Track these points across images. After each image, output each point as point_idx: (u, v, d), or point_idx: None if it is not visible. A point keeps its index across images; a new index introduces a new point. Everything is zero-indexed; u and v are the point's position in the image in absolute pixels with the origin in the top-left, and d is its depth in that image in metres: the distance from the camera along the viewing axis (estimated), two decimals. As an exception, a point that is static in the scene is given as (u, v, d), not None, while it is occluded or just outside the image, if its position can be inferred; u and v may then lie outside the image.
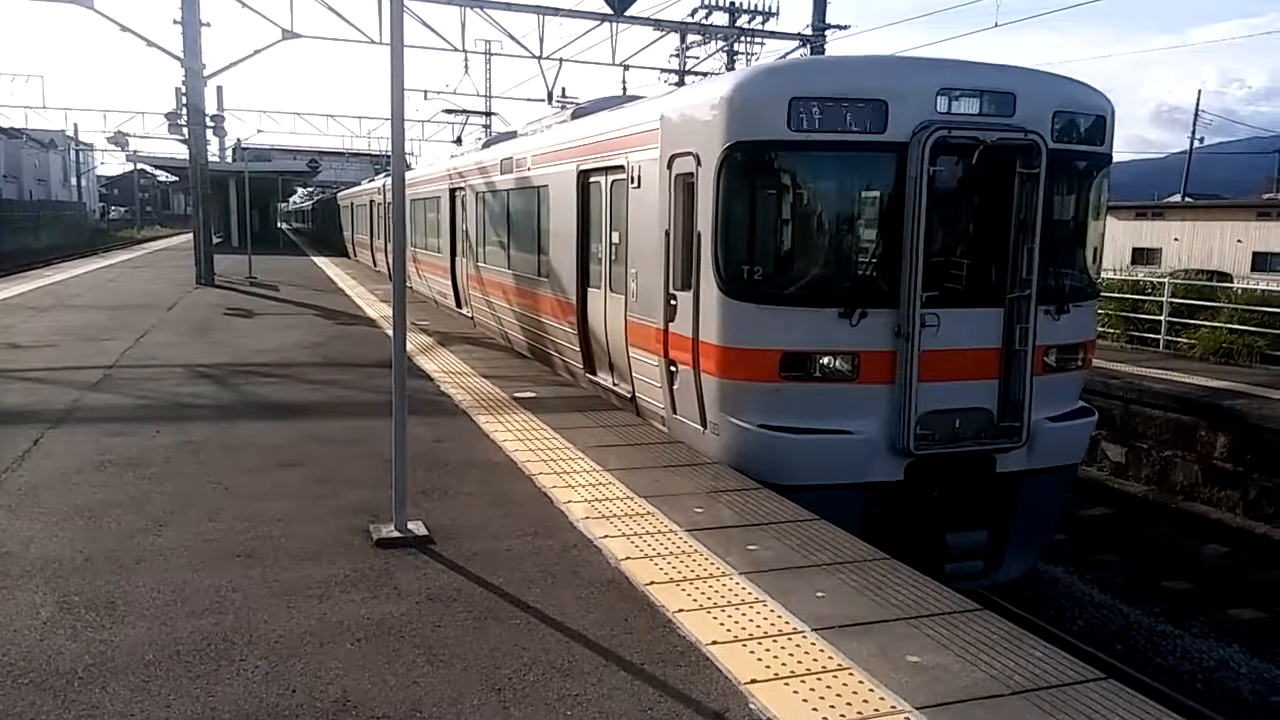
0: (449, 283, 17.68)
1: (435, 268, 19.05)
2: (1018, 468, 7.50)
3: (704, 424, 7.49)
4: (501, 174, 13.70)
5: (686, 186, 7.57)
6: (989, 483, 7.50)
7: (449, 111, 35.29)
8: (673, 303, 7.78)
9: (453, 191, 17.08)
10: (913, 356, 6.93)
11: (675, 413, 8.00)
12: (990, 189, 7.21)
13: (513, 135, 15.87)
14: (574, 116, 11.99)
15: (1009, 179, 7.11)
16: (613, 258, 9.31)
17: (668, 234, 7.83)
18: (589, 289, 10.11)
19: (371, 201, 29.73)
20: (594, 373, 10.18)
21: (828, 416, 7.06)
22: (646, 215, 8.30)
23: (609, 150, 9.31)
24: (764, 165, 7.10)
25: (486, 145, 16.88)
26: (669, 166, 7.81)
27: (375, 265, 29.48)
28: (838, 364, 7.05)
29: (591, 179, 9.88)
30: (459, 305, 17.27)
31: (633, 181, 8.59)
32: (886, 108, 6.86)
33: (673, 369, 7.92)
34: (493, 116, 33.58)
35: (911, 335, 6.92)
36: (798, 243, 7.43)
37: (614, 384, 9.61)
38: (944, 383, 7.11)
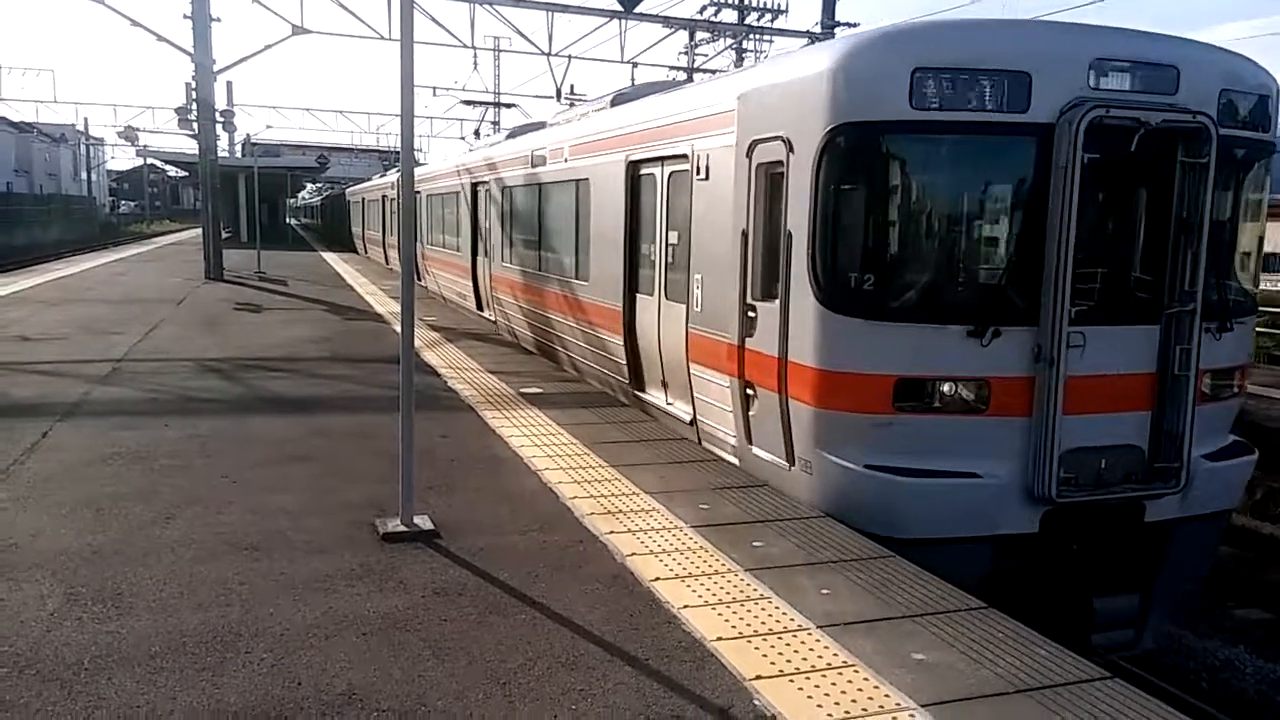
0: (469, 283, 16.76)
1: (454, 267, 18.03)
2: (1170, 516, 6.34)
3: (790, 459, 6.39)
4: (532, 167, 12.63)
5: (772, 178, 6.56)
6: (1137, 534, 6.37)
7: (468, 103, 34.86)
8: (751, 315, 6.72)
9: (474, 186, 16.16)
10: (1056, 384, 5.82)
11: (751, 444, 6.87)
12: (1147, 182, 6.14)
13: (540, 126, 14.95)
14: (614, 103, 10.92)
15: (1168, 170, 6.02)
16: (670, 260, 8.32)
17: (745, 234, 6.79)
18: (638, 295, 9.04)
19: (384, 197, 29.18)
20: (642, 390, 9.13)
21: (950, 456, 5.94)
22: (716, 212, 7.27)
23: (667, 137, 8.25)
24: (878, 151, 5.99)
25: (511, 136, 15.81)
26: (748, 154, 6.74)
27: (388, 263, 29.30)
28: (963, 392, 5.94)
29: (643, 170, 8.88)
30: (480, 308, 16.28)
31: (698, 172, 7.55)
32: (1029, 81, 5.75)
33: (749, 392, 6.81)
34: (513, 108, 32.49)
35: (1056, 358, 5.80)
36: (916, 245, 6.28)
37: (667, 404, 8.54)
38: (1089, 415, 5.97)
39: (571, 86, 29.36)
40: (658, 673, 3.93)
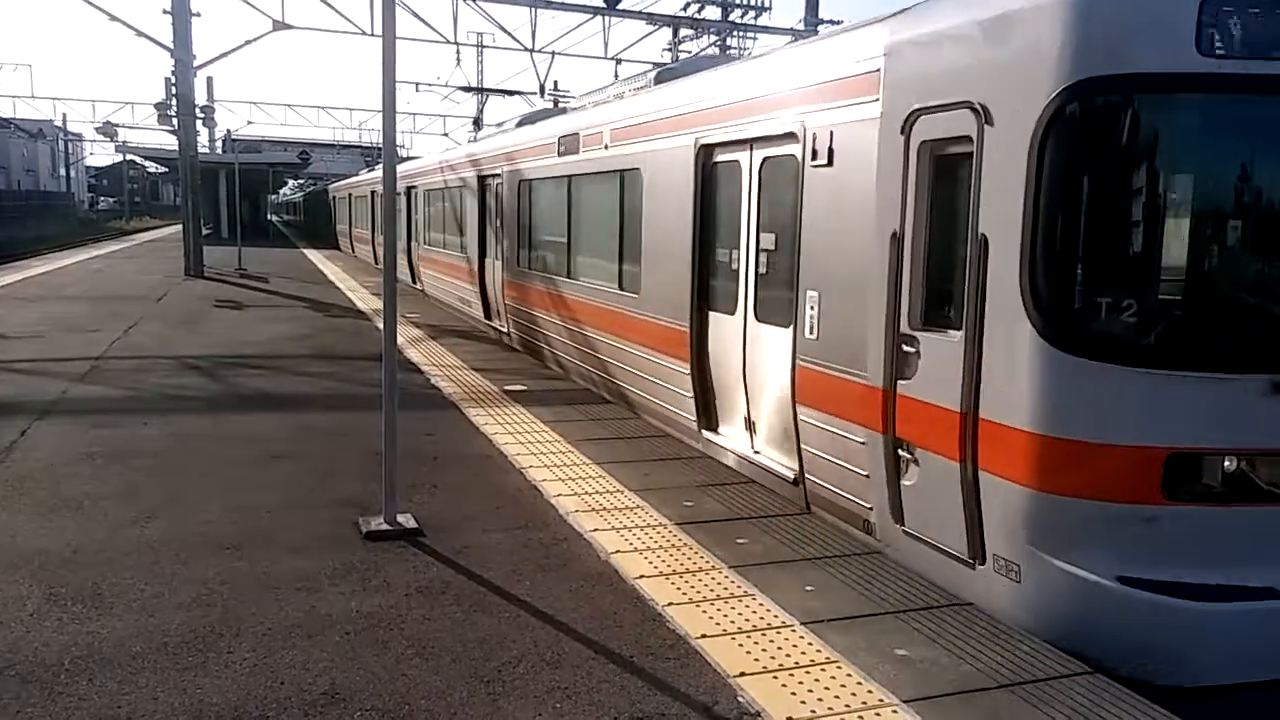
0: (475, 289, 15.01)
1: (457, 271, 16.29)
2: None
3: (977, 555, 4.66)
4: (559, 155, 10.87)
5: (945, 161, 4.89)
6: None
7: (466, 89, 34.33)
8: (908, 349, 5.03)
9: (482, 180, 14.40)
10: None
11: (902, 523, 5.16)
12: None
13: (558, 112, 13.57)
14: (657, 81, 9.53)
15: None
16: (763, 271, 6.71)
17: (897, 238, 5.08)
18: (711, 313, 7.43)
19: (372, 193, 27.71)
20: (713, 429, 7.54)
21: (1256, 565, 4.28)
22: (843, 207, 5.64)
23: (760, 113, 6.56)
24: (1142, 120, 4.23)
25: (523, 124, 14.06)
26: (905, 130, 5.01)
27: (376, 262, 28.95)
28: (1275, 474, 4.25)
29: (720, 156, 7.22)
30: (488, 317, 14.55)
31: (812, 156, 5.88)
32: None
33: (904, 453, 5.11)
34: (516, 95, 31.26)
35: None
36: (1204, 259, 4.47)
37: (754, 452, 6.91)
38: None
39: (555, 83, 29.30)
40: (642, 670, 3.94)
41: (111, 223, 75.10)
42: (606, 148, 9.48)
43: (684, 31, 29.90)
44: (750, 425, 7.00)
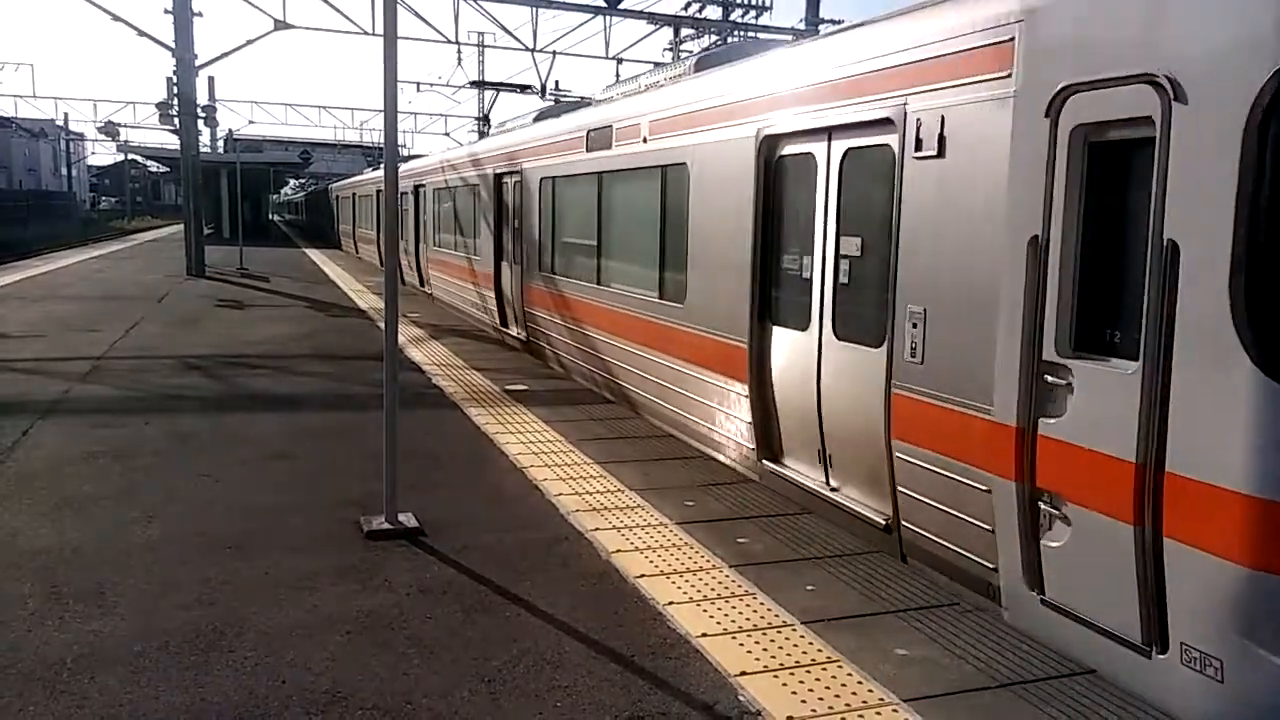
0: (491, 295, 14.17)
1: (469, 274, 15.59)
2: None
3: (1153, 641, 3.76)
4: (588, 151, 10.09)
5: (1110, 149, 4.05)
6: None
7: (477, 84, 34.14)
8: (1053, 380, 4.20)
9: (498, 178, 13.65)
10: None
11: (1042, 591, 4.30)
12: None
13: (576, 106, 12.88)
14: (699, 68, 8.75)
15: None
16: (844, 280, 5.89)
17: (1037, 243, 4.25)
18: (775, 328, 6.62)
19: (378, 192, 26.74)
20: (776, 460, 6.71)
21: None
22: (958, 206, 4.79)
23: (844, 97, 5.74)
24: None
25: (541, 118, 13.35)
26: (1050, 111, 4.17)
27: (382, 263, 28.53)
28: None
29: (788, 148, 6.43)
30: (504, 324, 13.73)
31: (916, 146, 5.09)
32: None
33: (1047, 507, 4.26)
34: (529, 90, 30.77)
35: None
36: None
37: (828, 488, 6.06)
38: None
39: (556, 83, 29.33)
40: (643, 669, 3.94)
41: (113, 222, 75.16)
42: (645, 141, 8.71)
43: (685, 31, 29.92)
44: (825, 458, 6.12)
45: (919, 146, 5.07)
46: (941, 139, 4.92)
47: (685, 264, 7.80)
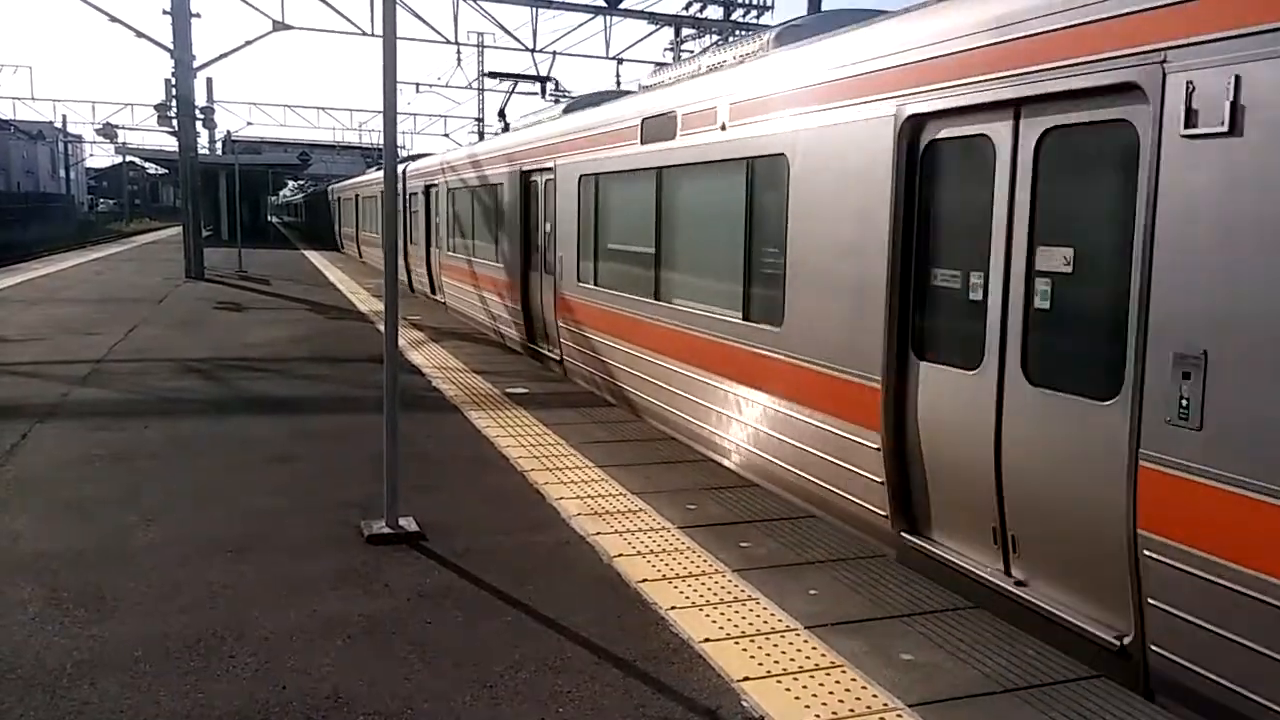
0: (516, 307, 12.89)
1: (489, 282, 14.34)
2: None
3: None
4: (643, 143, 8.79)
5: None
6: None
7: (491, 75, 33.98)
8: None
9: (525, 176, 12.43)
10: None
11: None
12: None
13: (612, 96, 11.63)
14: (779, 41, 7.44)
15: None
16: (1044, 303, 4.54)
17: None
18: (923, 363, 5.34)
19: (381, 194, 26.76)
20: (919, 533, 5.46)
21: None
22: (1269, 206, 3.46)
23: (1045, 60, 4.37)
24: None
25: (570, 110, 12.15)
26: None
27: None
28: None
29: (945, 130, 5.13)
30: (532, 339, 12.52)
31: (1185, 120, 3.74)
32: None
33: None
34: (549, 80, 30.40)
35: None
36: None
37: (1010, 580, 4.80)
38: None
39: (556, 83, 29.31)
40: (645, 674, 3.92)
41: (111, 224, 75.14)
42: (724, 128, 7.34)
43: (686, 31, 29.93)
44: (1005, 539, 4.85)
45: (1190, 120, 3.72)
46: (1236, 109, 3.54)
47: (783, 279, 6.54)
